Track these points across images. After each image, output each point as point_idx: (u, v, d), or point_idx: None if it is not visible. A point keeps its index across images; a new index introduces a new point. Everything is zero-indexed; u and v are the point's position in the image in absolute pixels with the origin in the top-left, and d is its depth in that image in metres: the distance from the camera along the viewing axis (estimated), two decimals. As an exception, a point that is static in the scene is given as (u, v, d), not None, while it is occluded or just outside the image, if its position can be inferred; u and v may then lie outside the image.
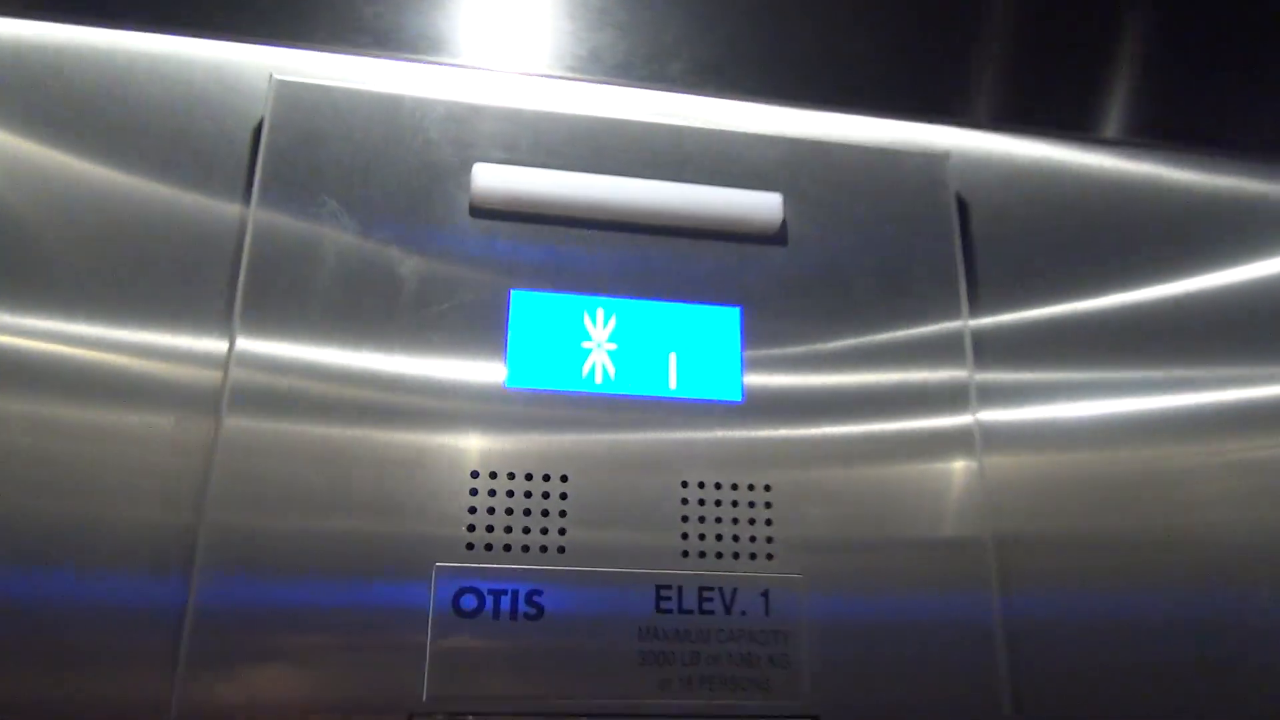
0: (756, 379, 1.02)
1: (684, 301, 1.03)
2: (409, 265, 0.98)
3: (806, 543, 0.96)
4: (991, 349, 1.07)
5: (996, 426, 1.04)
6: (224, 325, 0.92)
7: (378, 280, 0.96)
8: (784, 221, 1.07)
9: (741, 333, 1.04)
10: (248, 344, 0.92)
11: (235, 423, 0.89)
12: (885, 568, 0.95)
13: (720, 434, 0.98)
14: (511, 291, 1.00)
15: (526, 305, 0.99)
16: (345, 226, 0.97)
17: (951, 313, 1.13)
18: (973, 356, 1.03)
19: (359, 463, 0.90)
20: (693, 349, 1.02)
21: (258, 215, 0.94)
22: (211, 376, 0.91)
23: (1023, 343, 1.07)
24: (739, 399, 1.01)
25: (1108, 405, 1.05)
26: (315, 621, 0.82)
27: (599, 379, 0.99)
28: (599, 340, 1.01)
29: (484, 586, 0.88)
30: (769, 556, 0.96)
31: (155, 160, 0.94)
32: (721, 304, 1.04)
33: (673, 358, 1.01)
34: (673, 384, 1.00)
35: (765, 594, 0.94)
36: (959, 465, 0.99)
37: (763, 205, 1.05)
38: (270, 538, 0.84)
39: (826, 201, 1.10)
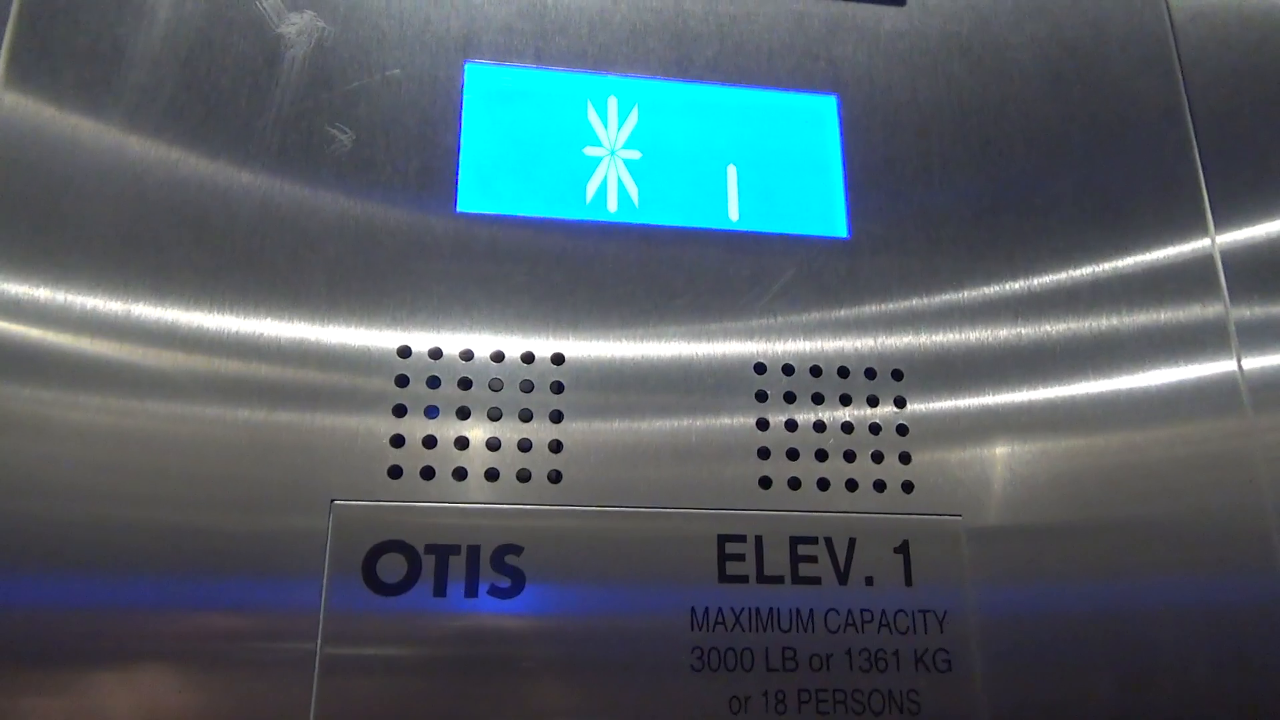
0: (871, 203, 0.72)
1: (749, 86, 0.73)
2: (300, 24, 0.67)
3: (966, 464, 0.67)
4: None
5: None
6: None
7: (243, 50, 0.67)
8: (900, -31, 0.79)
9: (842, 133, 0.74)
10: None
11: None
12: (1101, 519, 0.68)
13: (817, 290, 0.69)
14: (466, 66, 0.70)
15: (490, 87, 0.70)
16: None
17: (1171, 122, 0.79)
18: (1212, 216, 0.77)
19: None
20: (764, 159, 0.72)
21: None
22: None
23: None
24: (844, 234, 0.71)
25: None
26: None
27: (613, 204, 0.69)
28: (612, 145, 0.71)
29: (419, 541, 0.60)
30: (906, 487, 0.67)
31: None
32: (809, 90, 0.74)
33: (732, 173, 0.72)
34: (733, 212, 0.71)
35: (903, 548, 0.64)
36: (1208, 368, 0.73)
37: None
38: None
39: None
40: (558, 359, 0.63)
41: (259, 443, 0.59)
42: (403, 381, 0.61)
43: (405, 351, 0.62)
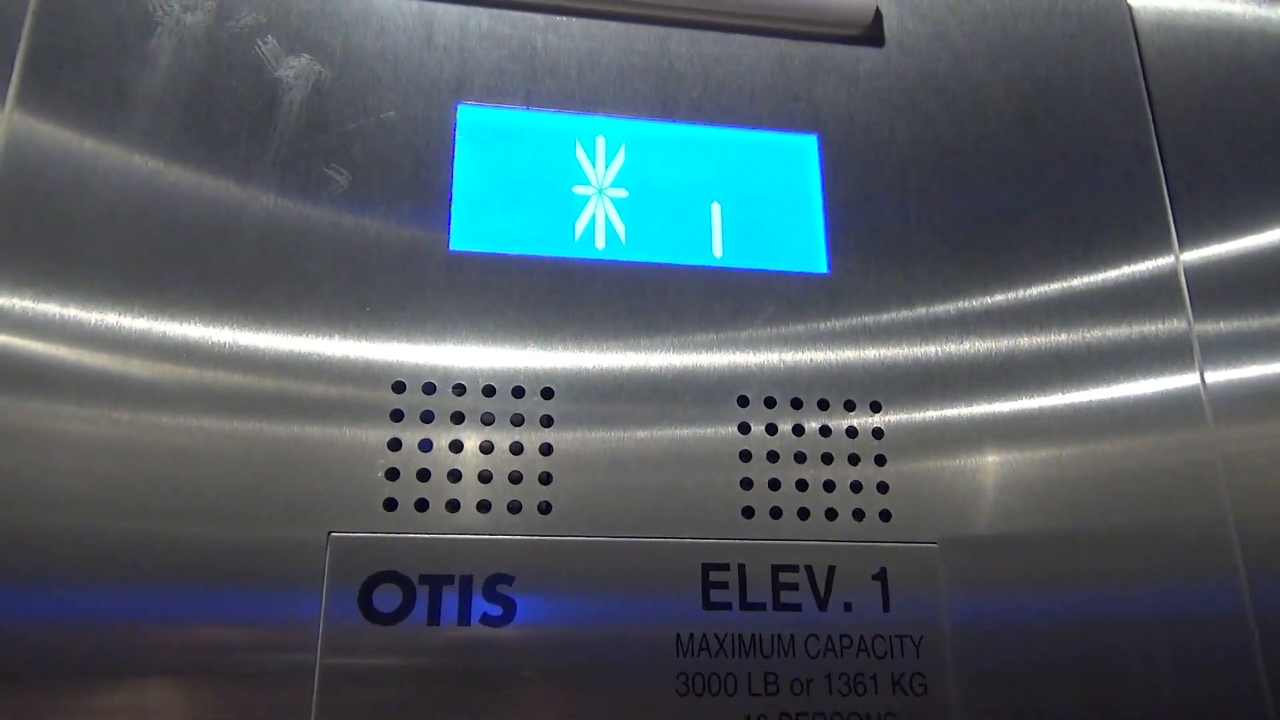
0: (850, 239, 0.74)
1: (732, 126, 0.76)
2: (297, 68, 0.70)
3: (941, 493, 0.69)
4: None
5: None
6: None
7: (242, 93, 0.69)
8: (878, 11, 0.80)
9: (822, 172, 0.76)
10: None
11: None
12: (1070, 537, 0.70)
13: (798, 325, 0.71)
14: (458, 107, 0.72)
15: (482, 128, 0.72)
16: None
17: (1140, 157, 0.81)
18: (1177, 235, 0.80)
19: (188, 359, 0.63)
20: (747, 197, 0.74)
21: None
22: None
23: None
24: (824, 270, 0.74)
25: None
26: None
27: (600, 241, 0.71)
28: (600, 184, 0.73)
29: (413, 571, 0.61)
30: (883, 516, 0.69)
31: None
32: (790, 130, 0.76)
33: (716, 211, 0.74)
34: (718, 249, 0.73)
35: (881, 575, 0.66)
36: (1175, 385, 0.75)
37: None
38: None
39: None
40: (547, 393, 0.65)
41: (258, 474, 0.60)
42: (397, 416, 0.63)
43: (400, 387, 0.63)
